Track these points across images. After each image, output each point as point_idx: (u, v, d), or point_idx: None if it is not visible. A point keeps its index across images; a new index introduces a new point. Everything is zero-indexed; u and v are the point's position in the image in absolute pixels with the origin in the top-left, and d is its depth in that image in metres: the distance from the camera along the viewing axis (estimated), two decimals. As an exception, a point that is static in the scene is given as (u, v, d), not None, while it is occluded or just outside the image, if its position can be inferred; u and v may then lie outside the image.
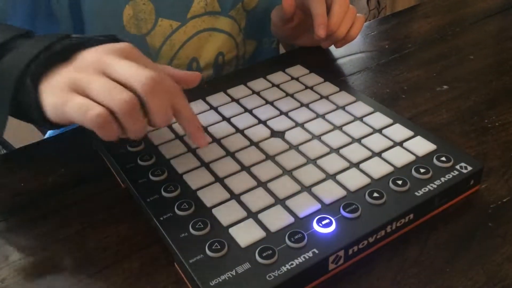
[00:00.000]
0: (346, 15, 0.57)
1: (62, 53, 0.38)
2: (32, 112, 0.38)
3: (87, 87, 0.36)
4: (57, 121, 0.37)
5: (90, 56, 0.38)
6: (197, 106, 0.51)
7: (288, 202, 0.38)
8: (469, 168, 0.41)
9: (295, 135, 0.46)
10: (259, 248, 0.34)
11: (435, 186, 0.39)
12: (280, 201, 0.39)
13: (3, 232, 0.41)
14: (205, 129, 0.48)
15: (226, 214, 0.38)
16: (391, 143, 0.44)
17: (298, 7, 0.59)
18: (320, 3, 0.56)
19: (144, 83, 0.35)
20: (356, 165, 0.42)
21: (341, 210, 0.37)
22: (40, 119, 0.38)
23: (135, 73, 0.36)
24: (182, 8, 0.61)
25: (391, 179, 0.40)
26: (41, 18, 0.57)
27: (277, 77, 0.56)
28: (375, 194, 0.38)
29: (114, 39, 0.41)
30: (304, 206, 0.38)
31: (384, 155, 0.43)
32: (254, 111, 0.50)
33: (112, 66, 0.37)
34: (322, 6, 0.56)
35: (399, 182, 0.39)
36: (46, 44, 0.38)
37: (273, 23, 0.64)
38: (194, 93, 0.53)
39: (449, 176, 0.40)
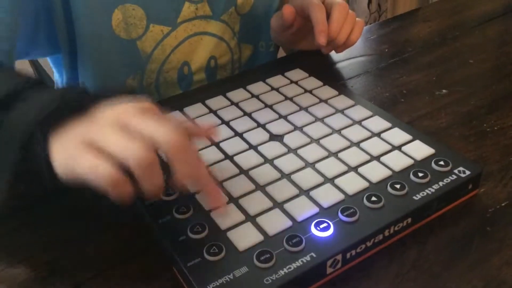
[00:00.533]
0: (346, 20, 0.57)
1: (75, 104, 0.35)
2: (40, 169, 0.34)
3: (103, 141, 0.33)
4: (67, 179, 0.34)
5: (108, 112, 0.35)
6: (197, 109, 0.51)
7: (286, 206, 0.38)
8: (468, 172, 0.41)
9: (294, 139, 0.46)
10: (257, 252, 0.34)
11: (433, 190, 0.39)
12: (278, 205, 0.39)
13: (2, 235, 0.41)
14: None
15: (224, 217, 0.38)
16: (389, 147, 0.44)
17: (298, 13, 0.59)
18: (320, 10, 0.56)
19: (174, 143, 0.33)
20: (355, 169, 0.42)
21: (339, 214, 0.37)
22: (49, 177, 0.34)
23: (162, 131, 0.33)
24: (172, 13, 0.61)
25: (389, 183, 0.40)
26: (42, 33, 0.57)
27: (276, 80, 0.56)
28: (373, 198, 0.38)
29: (132, 91, 0.39)
30: (302, 209, 0.38)
31: (382, 159, 0.43)
32: (253, 115, 0.50)
33: (132, 124, 0.33)
34: (322, 12, 0.56)
35: (397, 186, 0.39)
36: (57, 94, 0.36)
37: (272, 30, 0.64)
38: (194, 97, 0.53)
39: (447, 180, 0.40)
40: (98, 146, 0.33)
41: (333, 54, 0.66)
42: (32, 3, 0.54)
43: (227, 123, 0.49)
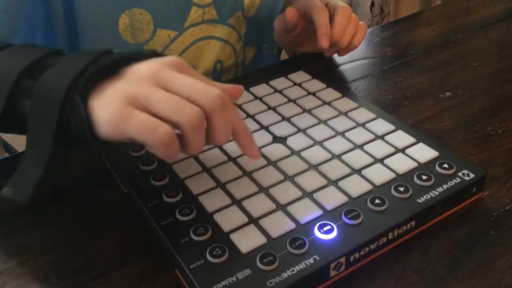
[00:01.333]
0: (349, 24, 0.57)
1: (111, 66, 0.36)
2: (81, 130, 0.34)
3: (148, 101, 0.33)
4: (111, 138, 0.34)
5: (145, 69, 0.35)
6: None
7: (290, 208, 0.38)
8: (472, 175, 0.41)
9: (297, 141, 0.46)
10: (260, 254, 0.34)
11: (437, 193, 0.39)
12: (281, 207, 0.39)
13: (5, 236, 0.41)
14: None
15: (227, 219, 0.38)
16: (393, 150, 0.44)
17: (301, 15, 0.59)
18: (323, 13, 0.56)
19: (213, 101, 0.34)
20: (358, 171, 0.42)
21: (343, 217, 0.37)
22: (91, 137, 0.35)
23: (202, 89, 0.34)
24: (180, 17, 0.61)
25: (393, 186, 0.39)
26: (39, 33, 0.56)
27: (280, 82, 0.56)
28: (377, 201, 0.38)
29: (159, 54, 0.39)
30: (306, 212, 0.38)
31: (386, 161, 0.43)
32: (256, 117, 0.50)
33: (173, 80, 0.34)
34: (325, 16, 0.56)
35: (401, 189, 0.39)
36: (91, 57, 0.36)
37: (275, 32, 0.64)
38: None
39: (451, 183, 0.40)
40: (145, 104, 0.33)
41: (336, 56, 0.66)
42: (30, 5, 0.53)
43: (230, 125, 0.49)
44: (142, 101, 0.34)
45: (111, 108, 0.33)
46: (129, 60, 0.37)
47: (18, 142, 0.87)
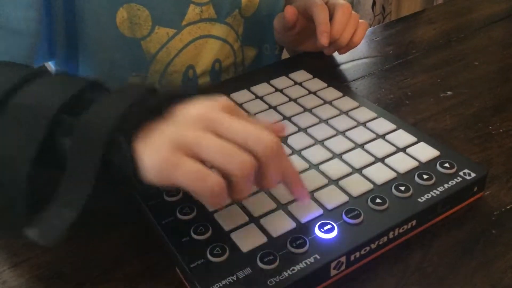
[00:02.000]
0: (349, 21, 0.57)
1: (158, 107, 0.33)
2: (124, 172, 0.32)
3: (198, 147, 0.31)
4: (158, 183, 0.32)
5: (193, 112, 0.33)
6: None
7: (290, 207, 0.38)
8: (473, 174, 0.40)
9: (298, 140, 0.46)
10: (260, 253, 0.34)
11: (438, 192, 0.39)
12: (282, 206, 0.39)
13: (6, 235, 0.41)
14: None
15: (227, 218, 0.38)
16: (394, 149, 0.44)
17: (301, 13, 0.59)
18: (323, 11, 0.56)
19: (267, 149, 0.32)
20: (359, 170, 0.42)
21: (343, 216, 0.37)
22: (134, 180, 0.32)
23: (255, 136, 0.32)
24: (177, 15, 0.61)
25: (393, 185, 0.39)
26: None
27: (281, 82, 0.56)
28: (378, 200, 0.38)
29: (205, 91, 0.36)
30: (306, 211, 0.38)
31: (387, 160, 0.42)
32: (257, 116, 0.50)
33: (224, 125, 0.32)
34: (325, 13, 0.56)
35: (402, 188, 0.39)
36: (136, 97, 0.33)
37: (275, 30, 0.64)
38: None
39: (452, 182, 0.40)
40: (194, 150, 0.31)
41: (337, 55, 0.66)
42: None
43: (231, 124, 0.49)
44: (191, 147, 0.31)
45: (159, 154, 0.31)
46: (175, 99, 0.34)
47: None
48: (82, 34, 0.58)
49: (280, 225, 0.37)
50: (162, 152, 0.31)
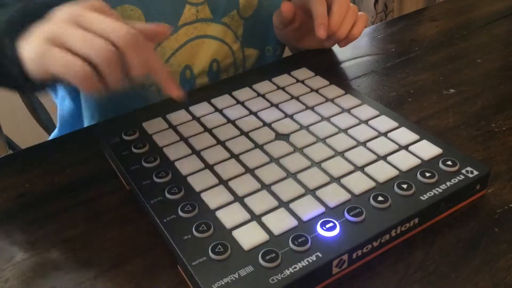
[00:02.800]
0: (347, 14, 0.57)
1: (36, 11, 0.40)
2: (12, 72, 0.39)
3: (64, 38, 0.37)
4: (38, 75, 0.38)
5: (64, 10, 0.39)
6: (202, 108, 0.51)
7: (292, 205, 0.38)
8: (476, 172, 0.40)
9: (300, 138, 0.46)
10: (262, 251, 0.34)
11: (440, 190, 0.39)
12: (284, 204, 0.38)
13: (8, 233, 0.41)
14: (210, 130, 0.48)
15: (229, 216, 0.37)
16: (396, 147, 0.44)
17: (300, 8, 0.59)
18: (320, 4, 0.56)
19: (124, 37, 0.36)
20: (361, 168, 0.42)
21: (345, 214, 0.37)
22: (20, 77, 0.39)
23: (113, 27, 0.37)
24: (173, 15, 0.60)
25: (396, 183, 0.39)
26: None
27: (283, 79, 0.56)
28: (380, 198, 0.38)
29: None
30: (308, 209, 0.38)
31: (389, 158, 0.42)
32: (259, 114, 0.50)
33: (88, 19, 0.38)
34: (322, 6, 0.56)
35: (404, 186, 0.39)
36: (19, 7, 0.40)
37: (275, 27, 0.64)
38: (200, 95, 0.53)
39: (455, 180, 0.40)
40: (61, 41, 0.37)
41: (339, 53, 0.66)
42: None
43: (233, 122, 0.49)
44: (58, 38, 0.37)
45: (32, 46, 0.38)
46: (53, 4, 0.40)
47: (21, 139, 0.87)
48: None
49: (282, 223, 0.37)
50: (35, 44, 0.38)
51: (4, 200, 0.44)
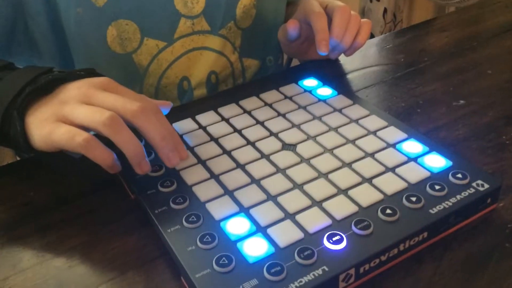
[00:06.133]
0: (350, 23, 0.56)
1: (46, 87, 0.42)
2: (18, 142, 0.41)
3: (71, 115, 0.39)
4: (46, 149, 0.40)
5: (73, 89, 0.41)
6: (208, 117, 0.51)
7: (298, 217, 0.38)
8: (486, 185, 0.39)
9: (307, 148, 0.45)
10: (267, 264, 0.34)
11: (450, 203, 0.38)
12: (289, 216, 0.38)
13: (12, 241, 0.41)
14: (216, 140, 0.47)
15: (234, 228, 0.37)
16: (405, 159, 0.43)
17: (303, 22, 0.59)
18: (320, 18, 0.56)
19: (131, 110, 0.39)
20: (369, 180, 0.41)
21: (353, 227, 0.36)
22: (26, 148, 0.41)
23: (121, 103, 0.39)
24: (168, 28, 0.60)
25: (404, 196, 0.39)
26: (16, 44, 0.57)
27: (290, 89, 0.55)
28: (388, 211, 0.37)
29: (93, 73, 0.44)
30: (315, 221, 0.37)
31: (397, 170, 0.42)
32: (266, 123, 0.49)
33: (96, 98, 0.40)
34: (322, 20, 0.56)
35: (413, 198, 0.38)
36: (30, 77, 0.42)
37: (281, 43, 0.64)
38: (206, 104, 0.53)
39: (465, 193, 0.39)
40: (69, 119, 0.39)
41: (347, 63, 0.65)
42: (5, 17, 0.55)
43: (239, 132, 0.48)
44: (67, 116, 0.39)
45: (42, 125, 0.40)
46: (62, 80, 0.42)
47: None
48: (76, 57, 0.58)
49: (288, 235, 0.36)
50: (44, 123, 0.40)
51: (8, 207, 0.44)
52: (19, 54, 0.59)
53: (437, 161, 0.42)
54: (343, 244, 0.35)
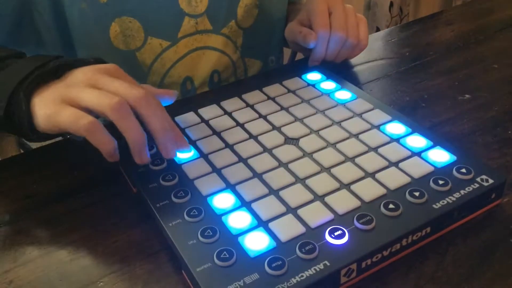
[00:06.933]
0: (349, 33, 0.56)
1: (54, 71, 0.42)
2: (22, 123, 0.41)
3: (77, 97, 0.39)
4: (49, 130, 0.40)
5: (80, 74, 0.41)
6: (211, 110, 0.50)
7: (300, 212, 0.37)
8: (491, 181, 0.39)
9: (310, 142, 0.45)
10: (268, 258, 0.33)
11: (454, 199, 0.38)
12: (291, 210, 0.38)
13: (13, 234, 0.41)
14: (218, 134, 0.47)
15: (236, 222, 0.37)
16: (409, 153, 0.43)
17: (308, 25, 0.59)
18: (321, 40, 0.56)
19: (135, 96, 0.39)
20: (372, 174, 0.41)
21: (355, 221, 0.36)
22: (29, 130, 0.41)
23: (125, 88, 0.39)
24: (172, 27, 0.60)
25: (408, 190, 0.38)
26: (23, 36, 0.57)
27: (293, 83, 0.55)
28: (391, 206, 0.37)
29: (101, 61, 0.44)
30: (317, 216, 0.37)
31: (401, 165, 0.41)
32: (269, 117, 0.49)
33: (102, 82, 0.40)
34: (322, 41, 0.56)
35: (416, 193, 0.38)
36: (39, 63, 0.42)
37: (289, 41, 0.64)
38: (209, 98, 0.53)
39: (469, 188, 0.38)
40: (75, 102, 0.39)
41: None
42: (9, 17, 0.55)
43: (242, 125, 0.48)
44: (73, 98, 0.39)
45: (47, 105, 0.40)
46: (71, 66, 0.43)
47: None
48: (79, 51, 0.58)
49: (289, 229, 0.36)
50: (50, 104, 0.40)
51: (11, 200, 0.44)
52: (25, 48, 0.59)
53: (441, 156, 0.42)
54: (345, 239, 0.35)
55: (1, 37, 0.56)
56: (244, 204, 0.38)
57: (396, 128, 0.46)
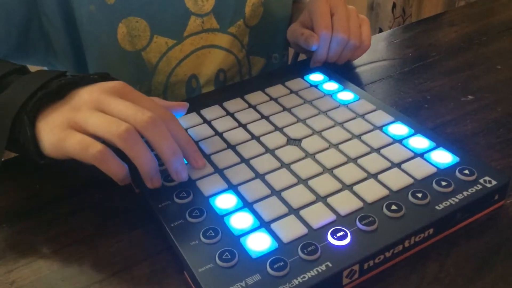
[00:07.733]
0: (350, 37, 0.56)
1: (58, 91, 0.40)
2: (28, 148, 0.40)
3: (84, 123, 0.38)
4: (56, 157, 0.39)
5: (85, 94, 0.40)
6: (213, 111, 0.50)
7: (302, 212, 0.37)
8: (494, 182, 0.39)
9: (312, 143, 0.45)
10: (270, 259, 0.33)
11: (457, 200, 0.37)
12: (294, 211, 0.38)
13: (15, 234, 0.41)
14: (220, 134, 0.47)
15: (238, 222, 0.37)
16: (411, 154, 0.43)
17: (310, 27, 0.59)
18: (323, 41, 0.56)
19: (142, 121, 0.37)
20: (374, 175, 0.40)
21: (357, 223, 0.36)
22: (36, 155, 0.40)
23: (132, 111, 0.37)
24: (178, 26, 0.60)
25: (410, 192, 0.38)
26: (31, 43, 0.58)
27: (296, 84, 0.55)
28: (393, 207, 0.37)
29: (106, 77, 0.43)
30: (319, 217, 0.37)
31: (404, 166, 0.41)
32: (271, 118, 0.49)
33: (108, 105, 0.38)
34: (324, 43, 0.56)
35: (419, 195, 0.38)
36: (42, 82, 0.40)
37: (291, 43, 0.64)
38: (211, 98, 0.53)
39: (472, 190, 0.38)
40: (82, 126, 0.38)
41: (354, 57, 0.64)
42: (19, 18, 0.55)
43: (244, 126, 0.48)
44: (80, 124, 0.38)
45: (53, 132, 0.38)
46: (75, 85, 0.41)
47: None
48: (87, 54, 0.59)
49: (292, 230, 0.36)
50: (56, 129, 0.38)
51: (14, 200, 0.44)
52: (35, 53, 0.59)
53: (444, 157, 0.42)
54: (347, 240, 0.35)
55: (11, 46, 0.56)
56: (246, 204, 0.38)
57: (398, 129, 0.46)
